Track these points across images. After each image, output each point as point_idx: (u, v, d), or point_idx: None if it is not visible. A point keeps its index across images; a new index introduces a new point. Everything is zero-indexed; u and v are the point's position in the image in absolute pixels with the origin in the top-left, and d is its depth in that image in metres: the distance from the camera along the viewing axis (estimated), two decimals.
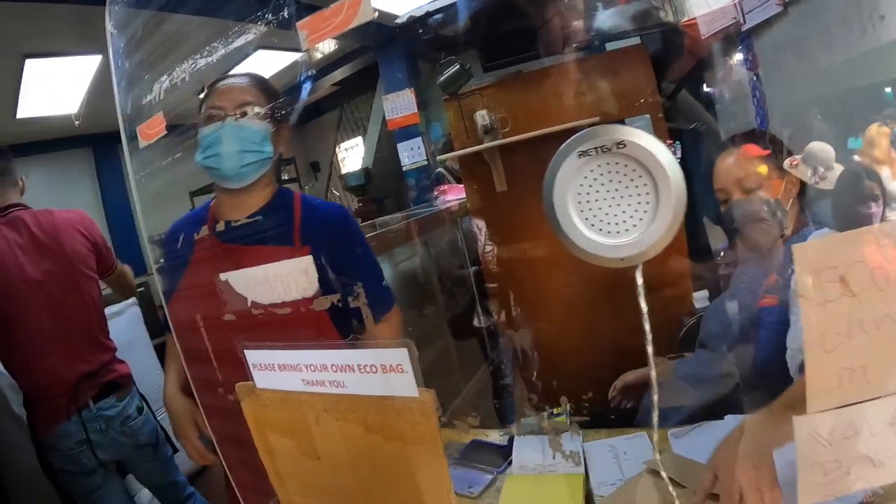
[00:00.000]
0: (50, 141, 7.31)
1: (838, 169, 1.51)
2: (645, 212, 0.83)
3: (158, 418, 2.83)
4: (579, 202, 0.84)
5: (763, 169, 1.64)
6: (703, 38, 2.29)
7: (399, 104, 4.04)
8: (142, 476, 2.89)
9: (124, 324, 4.08)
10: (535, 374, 3.46)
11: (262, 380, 1.14)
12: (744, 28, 2.12)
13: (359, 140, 9.04)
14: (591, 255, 0.86)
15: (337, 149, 9.30)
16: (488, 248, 3.34)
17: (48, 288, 2.47)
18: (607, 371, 2.35)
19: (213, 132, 1.64)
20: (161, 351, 4.88)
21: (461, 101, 2.93)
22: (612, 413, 2.11)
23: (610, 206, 0.84)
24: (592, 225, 0.85)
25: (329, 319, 1.59)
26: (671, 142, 2.64)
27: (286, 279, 1.22)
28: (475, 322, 3.51)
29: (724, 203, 1.73)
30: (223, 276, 1.31)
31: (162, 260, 1.92)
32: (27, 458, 3.01)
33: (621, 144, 0.81)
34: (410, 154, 5.08)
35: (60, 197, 7.65)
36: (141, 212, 1.65)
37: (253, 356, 1.13)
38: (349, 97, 8.89)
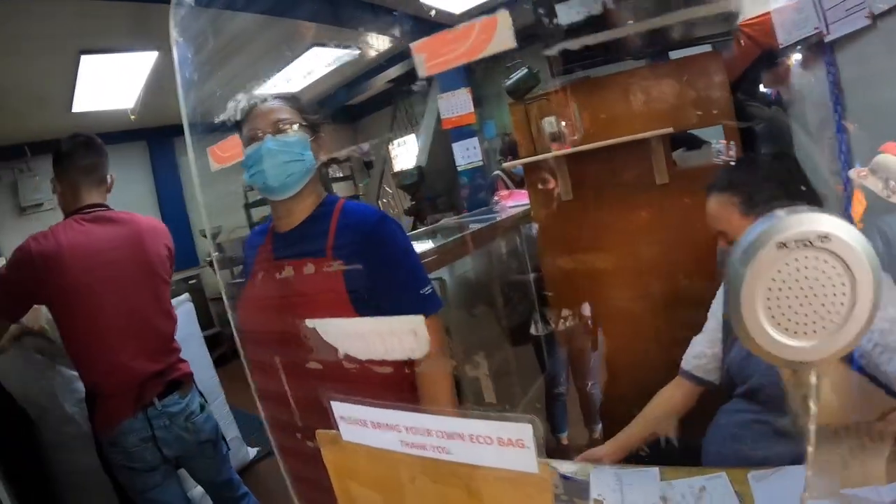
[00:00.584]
0: (105, 134, 7.30)
1: None
2: (838, 313, 0.74)
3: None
4: (768, 297, 0.75)
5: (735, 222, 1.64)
6: (780, 45, 2.20)
7: (455, 103, 3.97)
8: (198, 473, 2.90)
9: (179, 319, 4.08)
10: (589, 384, 3.44)
11: (350, 433, 1.08)
12: (827, 39, 2.00)
13: (412, 137, 9.01)
14: (772, 355, 0.77)
15: (390, 146, 9.28)
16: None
17: (125, 287, 2.50)
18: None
19: (255, 150, 1.71)
20: (212, 343, 4.91)
21: (528, 106, 2.84)
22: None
23: (801, 304, 0.74)
24: (779, 323, 0.76)
25: None
26: (727, 142, 2.53)
27: (388, 338, 1.16)
28: (532, 330, 3.47)
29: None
30: (309, 323, 1.27)
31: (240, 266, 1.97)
32: (80, 455, 3.14)
33: (825, 238, 0.71)
34: (466, 154, 5.01)
35: (116, 188, 7.77)
36: (203, 207, 1.72)
37: (341, 409, 1.08)
38: (403, 94, 8.86)
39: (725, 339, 1.86)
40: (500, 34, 0.97)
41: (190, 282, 7.95)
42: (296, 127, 1.74)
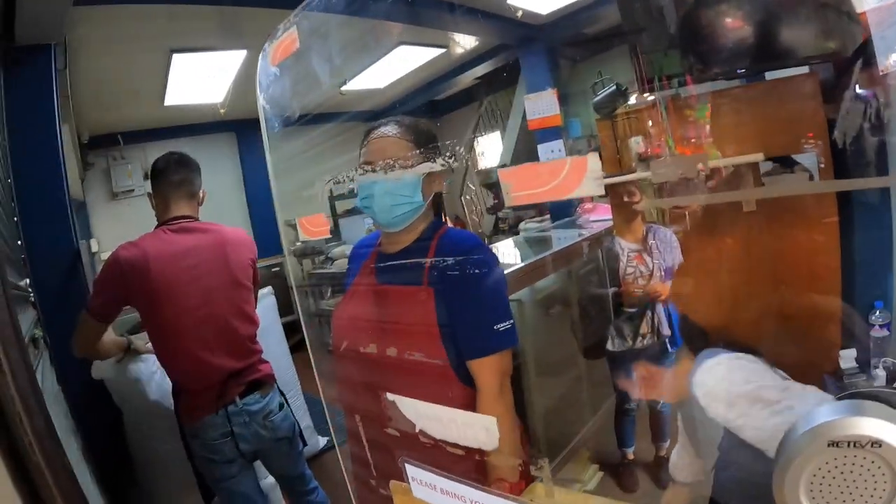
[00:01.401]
0: (195, 125, 7.73)
1: None
2: (877, 501, 0.73)
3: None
4: (811, 482, 0.74)
5: None
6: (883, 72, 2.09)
7: (540, 105, 3.92)
8: (273, 467, 3.04)
9: (261, 312, 4.17)
10: (659, 402, 3.40)
11: (420, 492, 1.18)
12: None
13: (497, 135, 8.98)
14: None
15: (475, 143, 9.26)
16: (629, 269, 3.23)
17: (206, 292, 2.67)
18: None
19: (367, 184, 1.73)
20: (290, 329, 5.00)
21: (615, 123, 2.78)
22: None
23: (842, 492, 0.75)
24: None
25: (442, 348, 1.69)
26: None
27: (463, 429, 1.24)
28: (609, 345, 3.41)
29: None
30: (390, 397, 1.39)
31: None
32: (161, 442, 3.36)
33: (877, 444, 0.73)
34: (550, 156, 4.95)
35: (205, 175, 7.98)
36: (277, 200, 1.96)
37: (413, 471, 1.18)
38: (489, 91, 8.83)
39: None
40: (590, 178, 0.94)
41: (273, 269, 8.12)
42: (410, 166, 1.71)
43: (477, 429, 1.19)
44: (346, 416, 1.93)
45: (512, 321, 1.72)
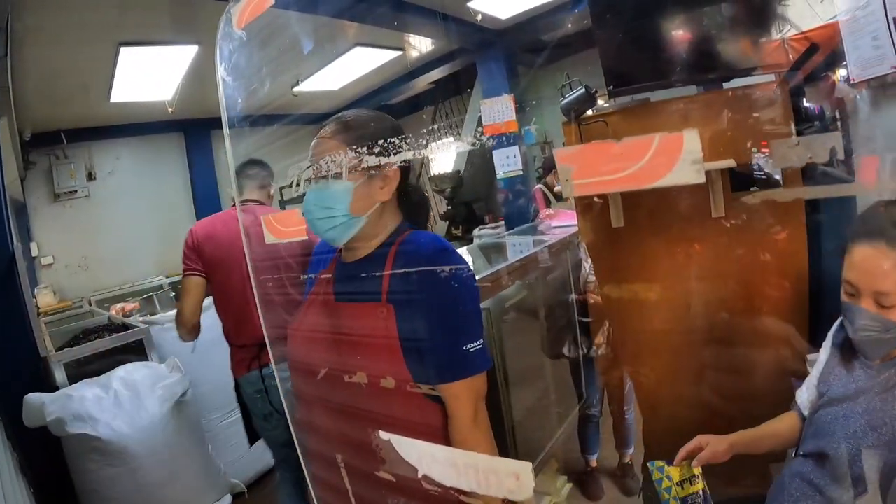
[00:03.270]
0: (143, 124, 7.46)
1: None
2: None
3: None
4: None
5: None
6: (853, 82, 2.09)
7: (497, 110, 3.90)
8: None
9: (209, 320, 4.04)
10: (624, 409, 3.39)
11: None
12: None
13: (451, 141, 8.92)
14: None
15: (428, 148, 9.19)
16: (591, 278, 3.20)
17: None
18: (706, 424, 2.08)
19: (306, 195, 1.56)
20: None
21: (582, 128, 2.72)
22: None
23: None
24: None
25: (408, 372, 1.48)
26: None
27: (486, 475, 1.04)
28: (566, 351, 3.44)
29: (848, 296, 1.52)
30: (383, 435, 1.22)
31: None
32: (104, 470, 3.33)
33: None
34: (505, 162, 4.95)
35: (152, 177, 8.00)
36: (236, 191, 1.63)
37: None
38: (444, 97, 8.78)
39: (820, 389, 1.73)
40: (687, 160, 0.78)
41: None
42: (343, 172, 1.50)
43: (502, 475, 0.99)
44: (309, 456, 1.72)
45: (482, 341, 1.50)
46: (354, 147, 1.51)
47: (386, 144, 1.50)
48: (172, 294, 5.53)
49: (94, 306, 6.15)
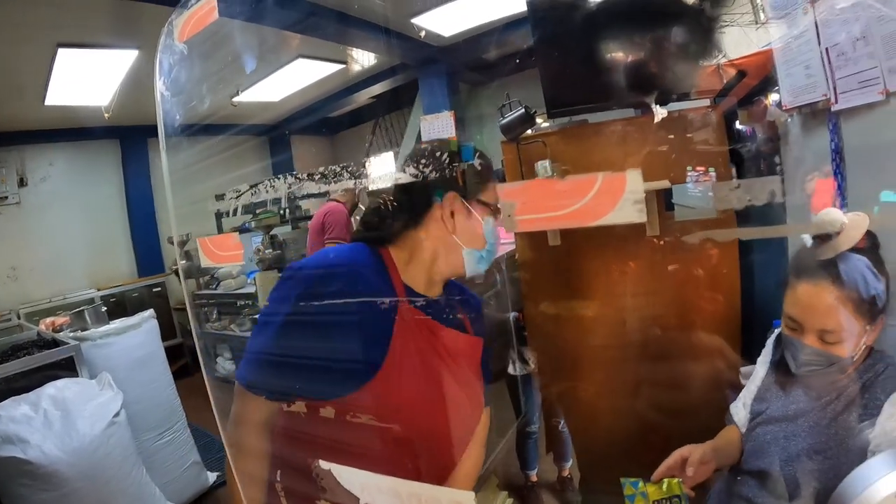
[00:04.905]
0: (78, 129, 7.23)
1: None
2: None
3: None
4: None
5: (849, 325, 1.44)
6: (785, 108, 2.17)
7: (437, 126, 3.91)
8: None
9: (141, 337, 3.94)
10: (560, 423, 3.43)
11: None
12: (834, 108, 1.94)
13: (390, 155, 8.90)
14: None
15: (367, 162, 9.18)
16: None
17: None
18: (642, 438, 2.33)
19: (497, 232, 1.55)
20: (172, 354, 4.79)
21: (521, 147, 2.76)
22: None
23: None
24: None
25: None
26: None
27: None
28: (510, 369, 3.47)
29: (790, 330, 1.55)
30: (324, 465, 1.15)
31: None
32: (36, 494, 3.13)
33: None
34: None
35: (85, 185, 7.75)
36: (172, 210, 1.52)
37: None
38: (385, 111, 8.78)
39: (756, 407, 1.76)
40: (629, 200, 0.79)
41: (155, 289, 7.80)
42: None
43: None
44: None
45: None
46: None
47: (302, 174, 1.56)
48: (104, 308, 5.39)
49: (23, 320, 5.97)
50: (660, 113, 2.53)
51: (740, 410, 1.81)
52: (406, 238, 1.51)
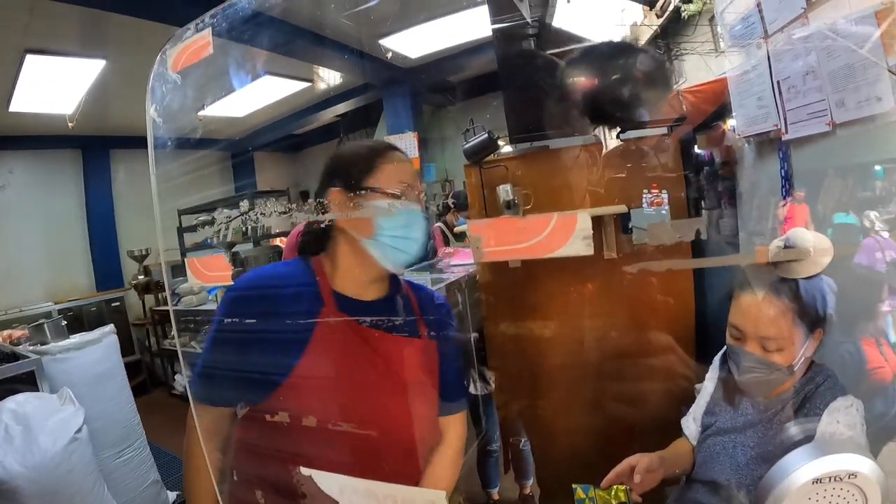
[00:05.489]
0: (40, 137, 7.17)
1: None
2: None
3: None
4: None
5: (788, 334, 1.52)
6: (739, 136, 2.29)
7: (401, 146, 3.97)
8: None
9: (100, 353, 3.90)
10: (521, 441, 3.46)
11: None
12: (784, 138, 2.03)
13: None
14: None
15: None
16: None
17: None
18: (601, 453, 2.30)
19: (413, 214, 1.47)
20: (131, 371, 4.76)
21: (483, 171, 2.83)
22: None
23: None
24: None
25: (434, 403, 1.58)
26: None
27: None
28: (471, 388, 3.45)
29: (734, 339, 1.61)
30: (305, 471, 1.19)
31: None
32: None
33: (853, 475, 0.88)
34: None
35: (44, 195, 7.63)
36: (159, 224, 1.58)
37: None
38: (348, 130, 8.83)
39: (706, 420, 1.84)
40: (578, 237, 0.90)
41: (113, 304, 7.70)
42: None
43: None
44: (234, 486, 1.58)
45: None
46: None
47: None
48: (64, 323, 5.32)
49: None
50: (611, 143, 2.63)
51: (691, 424, 1.89)
52: (329, 244, 1.55)
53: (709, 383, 1.89)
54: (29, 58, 5.01)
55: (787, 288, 1.51)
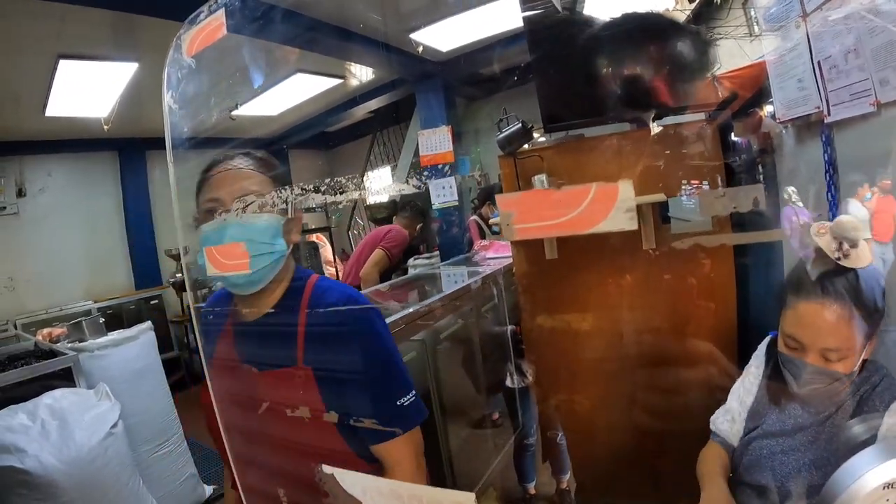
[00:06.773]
0: (77, 140, 7.28)
1: (865, 248, 1.38)
2: None
3: None
4: None
5: (852, 343, 1.42)
6: (779, 120, 2.19)
7: (434, 141, 3.93)
8: None
9: (138, 349, 3.93)
10: (557, 435, 3.42)
11: None
12: (827, 120, 1.96)
13: (388, 170, 8.95)
14: None
15: (365, 177, 9.20)
16: None
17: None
18: (639, 449, 2.37)
19: (216, 230, 1.39)
20: (170, 367, 4.79)
21: (518, 161, 2.78)
22: None
23: None
24: None
25: (338, 433, 1.42)
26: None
27: None
28: (508, 382, 3.48)
29: (790, 350, 1.52)
30: (326, 469, 1.11)
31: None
32: None
33: None
34: (441, 192, 4.97)
35: (83, 197, 7.76)
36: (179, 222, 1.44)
37: None
38: (382, 126, 8.82)
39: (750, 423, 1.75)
40: (621, 208, 0.82)
41: (152, 302, 7.79)
42: (268, 205, 1.40)
43: None
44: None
45: (414, 391, 1.48)
46: (276, 184, 1.48)
47: (304, 185, 1.40)
48: (102, 320, 5.35)
49: (19, 330, 5.98)
50: (655, 128, 2.56)
51: (726, 423, 1.83)
52: None
53: (751, 379, 1.81)
54: (62, 63, 5.05)
55: (847, 284, 1.41)
